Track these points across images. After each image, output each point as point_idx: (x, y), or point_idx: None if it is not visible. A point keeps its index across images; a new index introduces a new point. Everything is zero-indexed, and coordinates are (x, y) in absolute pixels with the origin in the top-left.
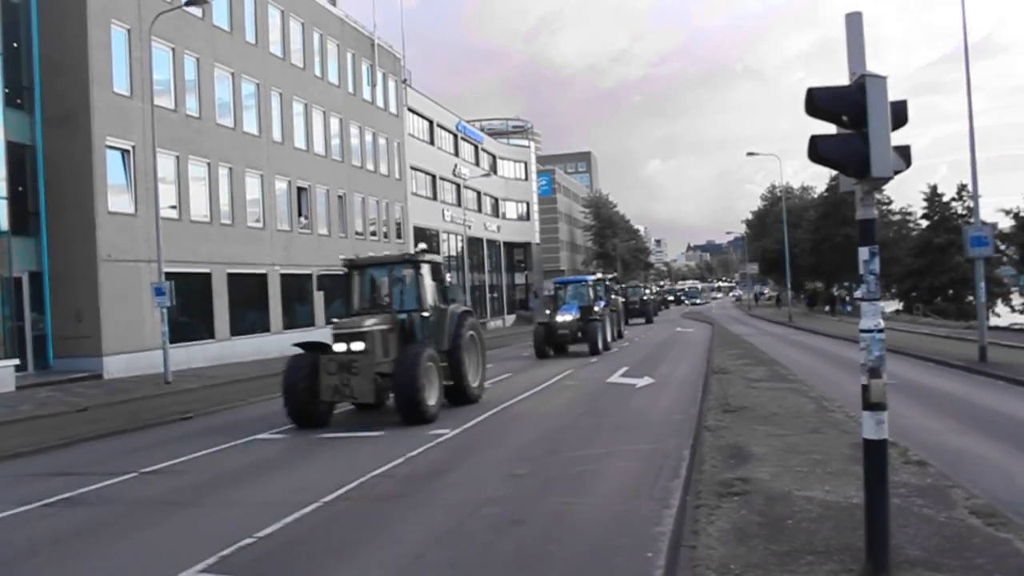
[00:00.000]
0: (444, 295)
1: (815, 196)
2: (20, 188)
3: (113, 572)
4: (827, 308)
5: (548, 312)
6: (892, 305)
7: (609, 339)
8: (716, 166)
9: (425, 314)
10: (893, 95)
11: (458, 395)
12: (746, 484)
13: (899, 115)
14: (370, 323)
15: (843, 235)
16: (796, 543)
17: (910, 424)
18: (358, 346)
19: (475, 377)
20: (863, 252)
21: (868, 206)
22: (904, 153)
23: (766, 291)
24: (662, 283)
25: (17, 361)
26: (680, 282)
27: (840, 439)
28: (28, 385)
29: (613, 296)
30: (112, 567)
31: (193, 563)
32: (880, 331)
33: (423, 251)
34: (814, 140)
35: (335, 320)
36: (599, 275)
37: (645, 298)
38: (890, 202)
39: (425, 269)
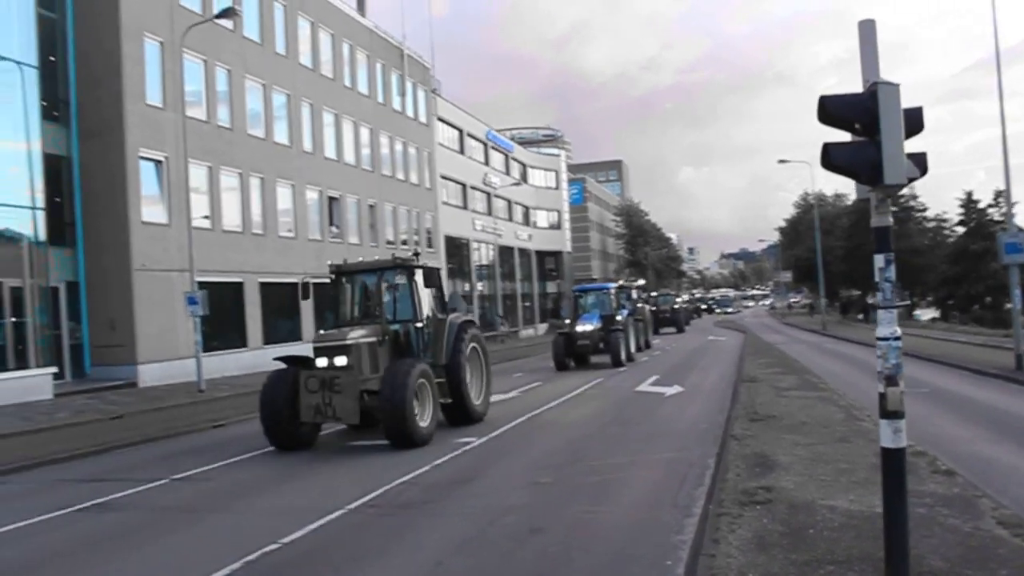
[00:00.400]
0: (443, 304)
1: (848, 203)
2: (57, 199)
3: (139, 575)
4: (860, 316)
5: (568, 321)
6: (928, 313)
7: (633, 350)
8: (748, 173)
9: (419, 325)
10: (927, 100)
11: (458, 414)
12: (769, 493)
13: (914, 122)
14: (355, 335)
15: None
16: (816, 552)
17: (941, 433)
18: (341, 361)
19: (478, 394)
20: (878, 259)
21: (883, 214)
22: (919, 160)
23: (799, 299)
24: (695, 291)
25: (55, 369)
26: (713, 290)
27: (867, 448)
28: (65, 393)
29: (640, 305)
30: (140, 571)
31: (218, 568)
32: (897, 339)
33: (415, 255)
34: (826, 148)
35: (322, 332)
36: (622, 282)
37: (676, 307)
38: (925, 209)
39: (419, 275)
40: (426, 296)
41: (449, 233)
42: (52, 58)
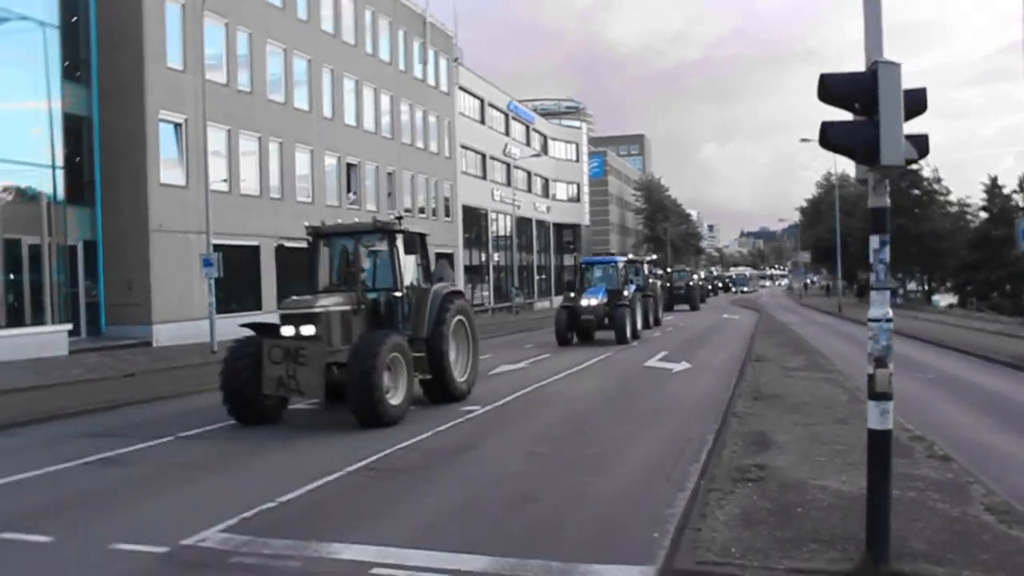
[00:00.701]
0: (428, 273)
1: None
2: (77, 159)
3: (138, 528)
4: None
5: (573, 295)
6: (947, 299)
7: (640, 327)
8: (772, 151)
9: (398, 294)
10: (958, 81)
11: (439, 391)
12: (762, 471)
13: (916, 103)
14: (326, 303)
15: (897, 225)
16: (802, 531)
17: (943, 418)
18: (308, 330)
19: (462, 371)
20: (874, 240)
21: (880, 194)
22: (919, 142)
23: (815, 280)
24: (712, 269)
25: (71, 326)
26: (732, 268)
27: (866, 431)
28: (80, 350)
29: (651, 280)
30: (138, 523)
31: (215, 523)
32: (888, 321)
33: (398, 218)
34: (824, 127)
35: (294, 298)
36: (631, 256)
37: (691, 284)
38: (948, 192)
39: (400, 241)
40: (409, 264)
41: (467, 203)
42: (74, 18)
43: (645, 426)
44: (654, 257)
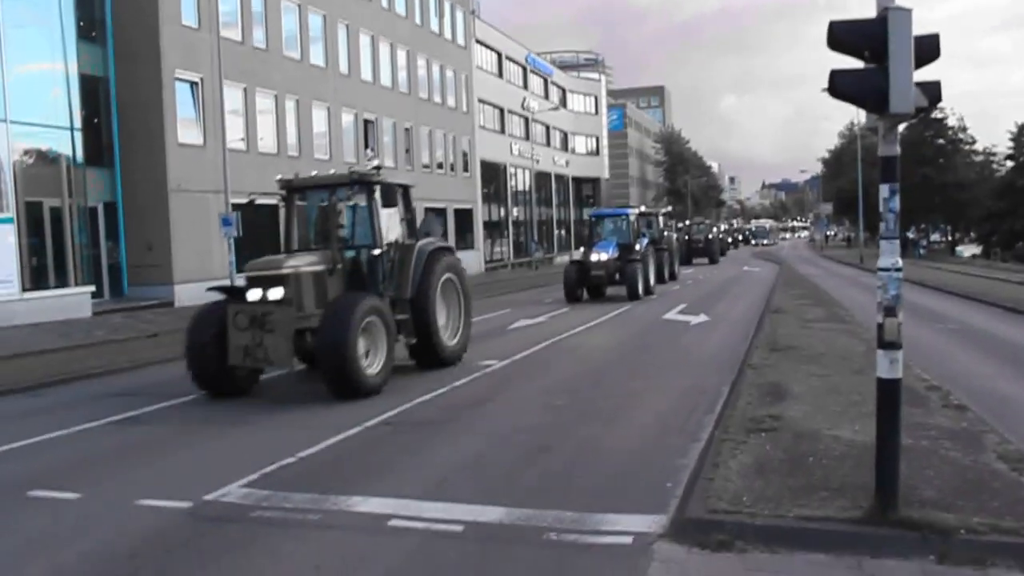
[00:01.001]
0: (412, 228)
1: None
2: (95, 120)
3: (164, 482)
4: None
5: (582, 249)
6: (971, 249)
7: (653, 282)
8: (793, 102)
9: (376, 252)
10: (988, 28)
11: (427, 356)
12: (776, 421)
13: (928, 49)
14: (296, 263)
15: (920, 175)
16: (813, 479)
17: (961, 369)
18: (276, 294)
19: (452, 333)
20: (883, 190)
21: (891, 143)
22: (930, 89)
23: (837, 231)
24: (733, 221)
25: (93, 288)
26: (752, 221)
27: None
28: (103, 311)
29: (666, 233)
30: (162, 480)
31: (236, 478)
32: (898, 270)
33: (376, 168)
34: (833, 74)
35: (269, 258)
36: (643, 207)
37: (710, 237)
38: (973, 142)
39: (379, 193)
40: (390, 219)
41: (486, 158)
42: None
43: (661, 378)
44: (669, 209)
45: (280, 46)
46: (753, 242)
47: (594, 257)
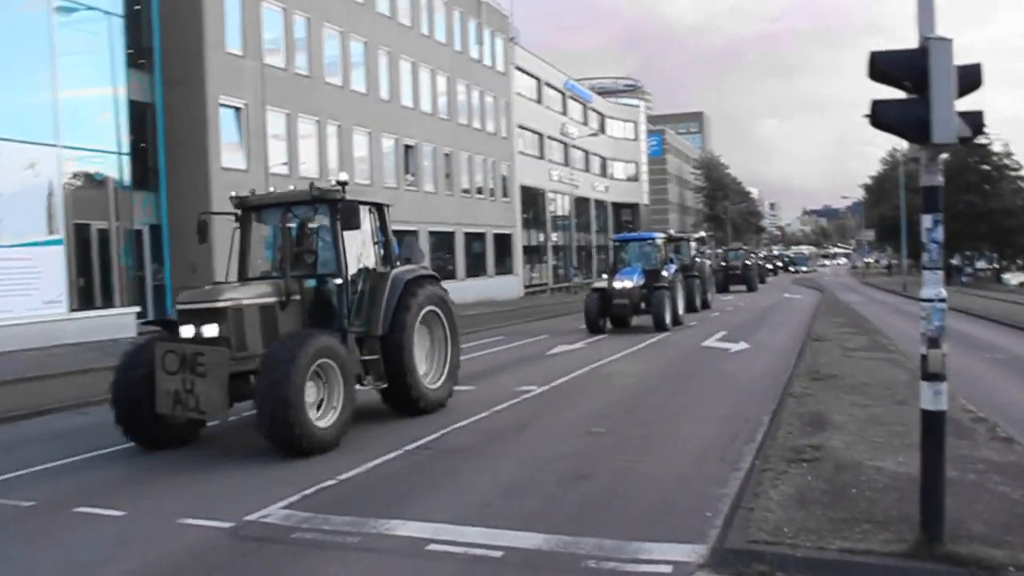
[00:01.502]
0: (387, 253)
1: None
2: (142, 144)
3: (205, 504)
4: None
5: (605, 276)
6: (1018, 277)
7: (681, 311)
8: (834, 127)
9: (338, 281)
10: None
11: (402, 402)
12: (818, 451)
13: (970, 79)
14: (237, 294)
15: (964, 202)
16: (856, 511)
17: (1009, 400)
18: (210, 331)
19: (435, 376)
20: (926, 220)
21: (932, 173)
22: (972, 119)
23: (878, 258)
24: (774, 248)
25: (139, 309)
26: (793, 248)
27: None
28: (148, 332)
29: (698, 259)
30: (205, 499)
31: (277, 499)
32: (942, 301)
33: (340, 184)
34: (875, 105)
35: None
36: (671, 232)
37: (748, 263)
38: (1019, 168)
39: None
40: (359, 243)
41: (525, 183)
42: (137, 7)
43: (701, 406)
44: (703, 234)
45: (322, 72)
46: (792, 269)
47: (617, 284)
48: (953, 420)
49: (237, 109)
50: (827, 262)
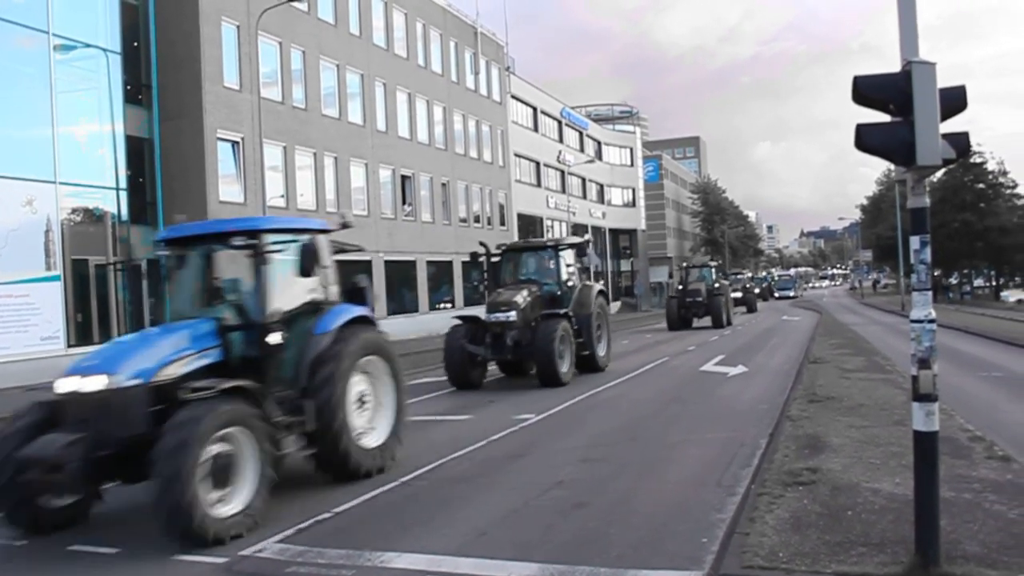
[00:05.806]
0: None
1: (933, 181)
2: (140, 179)
3: None
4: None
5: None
6: (1016, 295)
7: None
8: (829, 148)
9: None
10: None
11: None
12: (814, 474)
13: (954, 101)
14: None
15: (960, 221)
16: (851, 534)
17: (1006, 419)
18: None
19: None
20: (914, 241)
21: (919, 195)
22: (957, 140)
23: (873, 277)
24: (772, 270)
25: None
26: (793, 268)
27: None
28: None
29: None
30: None
31: (272, 534)
32: (931, 321)
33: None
34: (859, 129)
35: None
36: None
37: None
38: (1015, 185)
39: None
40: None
41: (522, 211)
42: (135, 43)
43: (699, 431)
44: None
45: (319, 105)
46: (776, 295)
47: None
48: (950, 439)
49: (234, 143)
50: (824, 283)
